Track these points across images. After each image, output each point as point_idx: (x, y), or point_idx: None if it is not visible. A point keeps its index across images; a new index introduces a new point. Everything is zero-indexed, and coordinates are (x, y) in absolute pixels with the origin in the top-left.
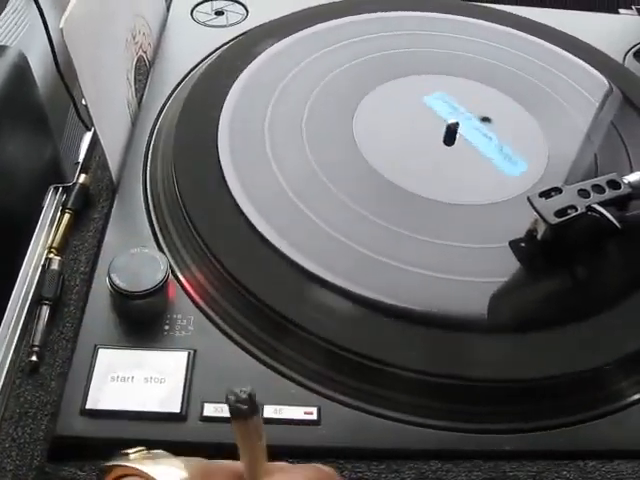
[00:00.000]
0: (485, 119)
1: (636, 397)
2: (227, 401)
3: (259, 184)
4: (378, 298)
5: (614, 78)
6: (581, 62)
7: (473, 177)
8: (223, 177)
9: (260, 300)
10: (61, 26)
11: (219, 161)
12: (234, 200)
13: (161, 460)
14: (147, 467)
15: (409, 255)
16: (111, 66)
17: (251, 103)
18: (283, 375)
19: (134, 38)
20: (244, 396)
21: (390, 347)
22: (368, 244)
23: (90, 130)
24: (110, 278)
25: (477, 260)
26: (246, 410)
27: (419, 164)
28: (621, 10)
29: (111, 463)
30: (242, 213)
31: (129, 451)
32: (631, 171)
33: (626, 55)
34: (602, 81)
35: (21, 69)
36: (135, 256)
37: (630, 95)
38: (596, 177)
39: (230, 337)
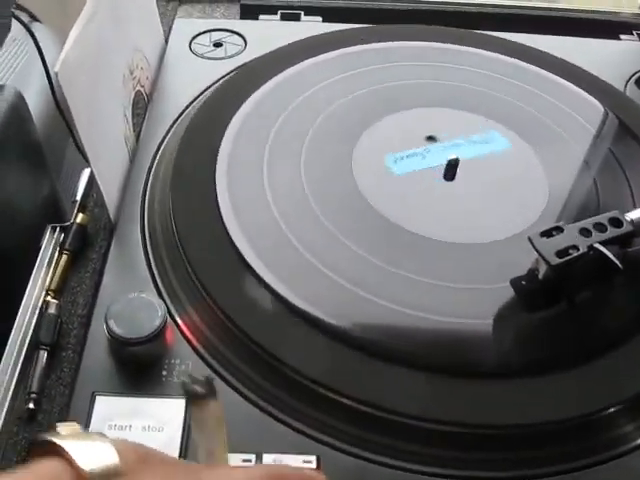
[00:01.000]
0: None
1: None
2: (183, 385)
3: (258, 226)
4: (379, 343)
5: (615, 107)
6: (582, 92)
7: (473, 214)
8: (222, 219)
9: (259, 346)
10: (56, 70)
11: (217, 202)
12: (233, 243)
13: (92, 438)
14: (70, 443)
15: (411, 298)
16: (108, 104)
17: (250, 139)
18: (282, 422)
19: (132, 73)
20: (201, 378)
21: (390, 393)
22: (374, 290)
23: (88, 167)
24: (107, 325)
25: (478, 301)
26: (201, 392)
27: (418, 200)
28: (622, 36)
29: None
30: (241, 257)
31: (59, 425)
32: (633, 204)
33: (627, 82)
34: (603, 111)
35: (18, 109)
36: (132, 301)
37: (631, 125)
38: (598, 212)
39: (228, 383)
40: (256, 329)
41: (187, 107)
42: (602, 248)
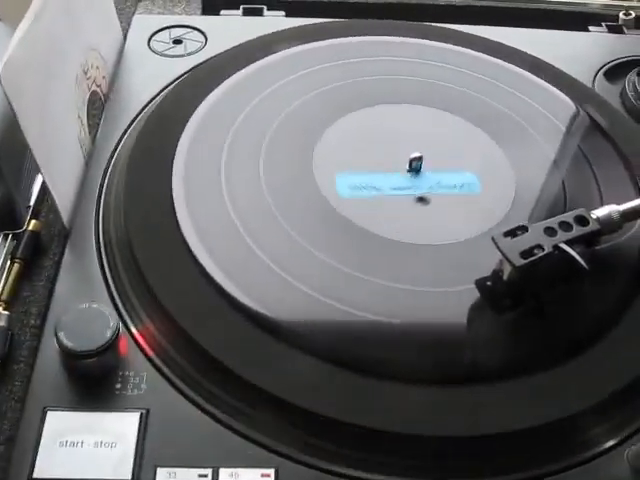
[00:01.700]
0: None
1: (609, 444)
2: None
3: (216, 231)
4: (341, 351)
5: (583, 103)
6: (549, 86)
7: (437, 214)
8: (178, 225)
9: (214, 357)
10: None
11: (173, 206)
12: (189, 250)
13: None
14: None
15: (375, 302)
16: (59, 107)
17: (207, 140)
18: (240, 434)
19: (86, 73)
20: None
21: (350, 403)
22: (336, 296)
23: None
24: (57, 337)
25: (442, 304)
26: None
27: (380, 200)
28: (591, 28)
29: None
30: (197, 263)
31: None
32: (601, 200)
33: (596, 75)
34: (571, 106)
35: None
36: (83, 312)
37: (599, 121)
38: (565, 210)
39: (184, 394)
40: (212, 339)
41: (145, 107)
42: (567, 248)
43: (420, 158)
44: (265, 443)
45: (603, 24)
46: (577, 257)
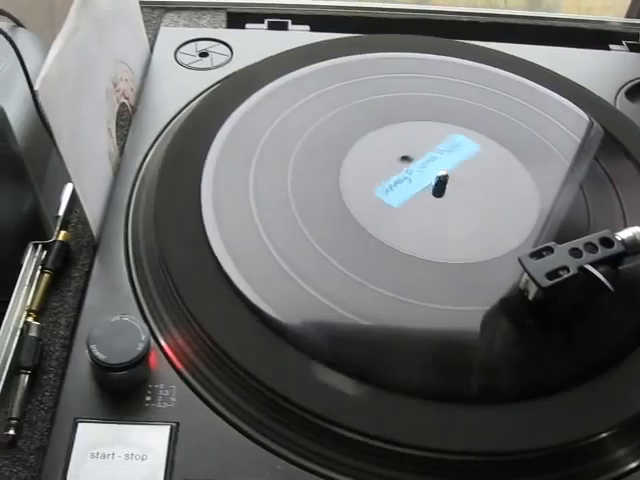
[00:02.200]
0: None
1: (631, 466)
2: None
3: (244, 245)
4: (372, 371)
5: (606, 122)
6: (574, 106)
7: (462, 233)
8: (207, 239)
9: (245, 371)
10: (36, 88)
11: (203, 221)
12: (218, 264)
13: None
14: None
15: (403, 320)
16: (90, 119)
17: (235, 154)
18: (268, 449)
19: (115, 86)
20: None
21: (381, 422)
22: (366, 315)
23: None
24: (89, 350)
25: (466, 323)
26: None
27: (407, 220)
28: (612, 46)
29: None
30: (227, 278)
31: None
32: (624, 222)
33: (618, 93)
34: (595, 126)
35: None
36: (115, 325)
37: (623, 141)
38: (589, 230)
39: (214, 408)
40: (242, 353)
41: (172, 120)
42: (592, 269)
43: (446, 177)
44: (293, 459)
45: (624, 42)
46: (602, 278)
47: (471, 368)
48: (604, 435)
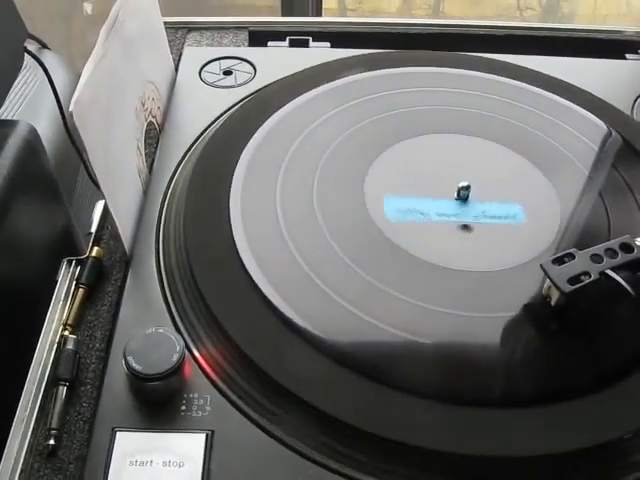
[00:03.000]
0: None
1: None
2: None
3: (273, 257)
4: (403, 380)
5: (624, 131)
6: (591, 115)
7: (486, 241)
8: (237, 252)
9: (276, 380)
10: (70, 109)
11: (232, 235)
12: (248, 275)
13: None
14: None
15: (426, 327)
16: (121, 139)
17: (262, 168)
18: (303, 455)
19: (143, 105)
20: None
21: (409, 425)
22: (392, 322)
23: (101, 199)
24: (126, 361)
25: (491, 329)
26: None
27: (430, 228)
28: (628, 55)
29: None
30: (257, 289)
31: None
32: None
33: (635, 102)
34: (612, 134)
35: (32, 144)
36: (150, 337)
37: (638, 147)
38: (609, 237)
39: (247, 416)
40: (274, 364)
41: (198, 137)
42: (613, 274)
43: (468, 187)
44: (328, 465)
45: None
46: (623, 283)
47: (497, 373)
48: (628, 437)
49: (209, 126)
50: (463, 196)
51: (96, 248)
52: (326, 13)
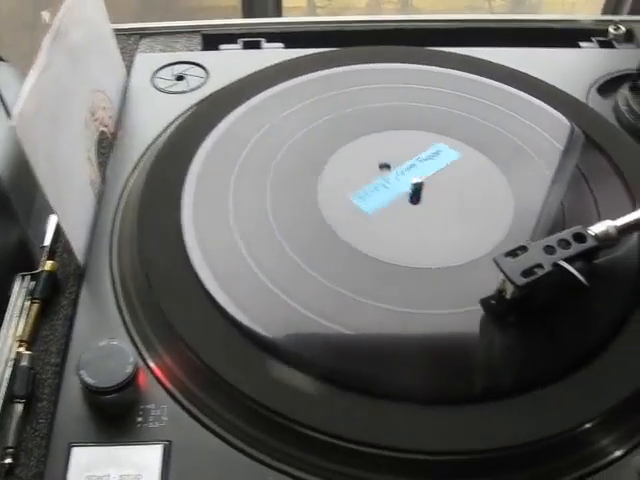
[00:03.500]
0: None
1: (617, 454)
2: None
3: (228, 265)
4: (364, 382)
5: (578, 119)
6: (544, 104)
7: (438, 238)
8: (189, 259)
9: (233, 387)
10: (13, 123)
11: (184, 242)
12: (202, 283)
13: None
14: None
15: (384, 327)
16: (70, 150)
17: (215, 173)
18: (262, 463)
19: (93, 115)
20: None
21: (373, 429)
22: (349, 324)
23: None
24: (79, 375)
25: (448, 326)
26: None
27: (384, 226)
28: (581, 44)
29: None
30: (210, 297)
31: None
32: (598, 216)
33: (590, 90)
34: (566, 123)
35: None
36: (103, 349)
37: (594, 136)
38: (564, 227)
39: (204, 425)
40: (230, 371)
41: (151, 144)
42: (567, 265)
43: (421, 184)
44: (289, 472)
45: (593, 39)
46: (576, 274)
47: (454, 369)
48: (588, 426)
49: (162, 132)
50: (416, 193)
51: (50, 262)
52: (295, 12)
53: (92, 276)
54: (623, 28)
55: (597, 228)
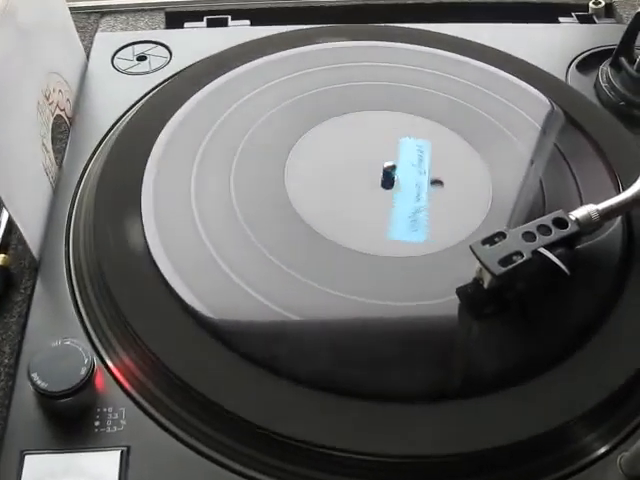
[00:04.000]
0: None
1: (601, 451)
2: None
3: (188, 257)
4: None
5: (558, 98)
6: (523, 83)
7: (413, 225)
8: (149, 252)
9: (193, 388)
10: None
11: (144, 232)
12: (162, 278)
13: None
14: None
15: (355, 321)
16: (19, 137)
17: (176, 159)
18: (223, 466)
19: (47, 98)
20: None
21: (325, 428)
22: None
23: None
24: (31, 378)
25: (418, 319)
26: None
27: (355, 214)
28: (561, 19)
29: None
30: (171, 291)
31: None
32: (580, 198)
33: (569, 67)
34: (545, 102)
35: None
36: (56, 350)
37: (573, 114)
38: (544, 210)
39: (164, 427)
40: (190, 371)
41: (111, 129)
42: (547, 253)
43: (394, 167)
44: (250, 475)
45: (573, 14)
46: (557, 262)
47: (428, 365)
48: (572, 423)
49: (122, 116)
50: (389, 177)
51: (2, 256)
52: None
53: (47, 270)
54: (603, 2)
55: (578, 212)
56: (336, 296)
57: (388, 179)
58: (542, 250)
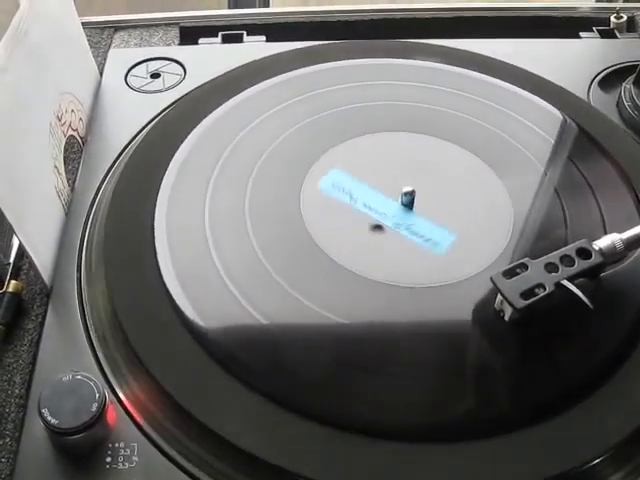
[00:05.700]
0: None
1: None
2: None
3: (204, 291)
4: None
5: (580, 119)
6: (542, 102)
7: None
8: (163, 283)
9: (207, 426)
10: None
11: (157, 264)
12: (177, 309)
13: None
14: None
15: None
16: (31, 160)
17: (190, 181)
18: None
19: (60, 119)
20: None
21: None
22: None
23: None
24: (41, 414)
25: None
26: None
27: (373, 241)
28: (582, 34)
29: None
30: (186, 324)
31: None
32: (604, 228)
33: (591, 85)
34: (568, 123)
35: None
36: (67, 384)
37: (596, 136)
38: (567, 239)
39: (178, 465)
40: (204, 408)
41: (125, 148)
42: (570, 285)
43: (412, 192)
44: None
45: (594, 29)
46: (580, 295)
47: (444, 399)
48: (596, 462)
49: (135, 135)
50: (406, 202)
51: (14, 282)
52: (285, 2)
53: (59, 296)
54: (625, 16)
55: (602, 242)
56: (345, 324)
57: (407, 203)
58: (565, 282)
